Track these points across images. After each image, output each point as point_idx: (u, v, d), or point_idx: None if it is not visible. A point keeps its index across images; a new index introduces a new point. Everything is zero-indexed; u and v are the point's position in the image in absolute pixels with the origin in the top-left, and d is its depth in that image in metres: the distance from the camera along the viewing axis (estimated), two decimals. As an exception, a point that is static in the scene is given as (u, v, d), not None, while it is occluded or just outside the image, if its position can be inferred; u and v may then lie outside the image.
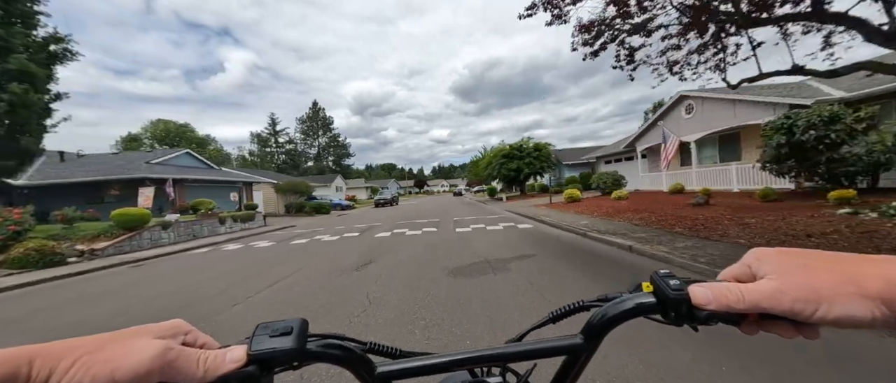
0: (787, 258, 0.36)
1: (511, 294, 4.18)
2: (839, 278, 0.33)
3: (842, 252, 0.36)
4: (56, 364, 0.30)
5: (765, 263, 0.37)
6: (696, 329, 0.40)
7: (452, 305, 3.90)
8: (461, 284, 4.71)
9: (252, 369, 0.37)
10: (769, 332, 0.37)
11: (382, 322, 3.60)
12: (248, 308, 4.49)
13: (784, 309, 0.34)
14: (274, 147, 75.88)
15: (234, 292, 5.29)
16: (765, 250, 0.39)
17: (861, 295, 0.31)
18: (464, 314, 3.61)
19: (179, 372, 0.33)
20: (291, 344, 0.38)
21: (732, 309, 0.36)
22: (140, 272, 8.11)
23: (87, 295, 6.05)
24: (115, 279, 7.40)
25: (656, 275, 0.42)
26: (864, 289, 0.32)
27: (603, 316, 0.44)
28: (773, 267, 0.36)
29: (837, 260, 0.35)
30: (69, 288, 6.78)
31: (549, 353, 0.45)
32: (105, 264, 9.14)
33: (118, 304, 5.30)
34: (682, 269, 4.70)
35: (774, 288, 0.35)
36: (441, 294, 4.35)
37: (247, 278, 6.26)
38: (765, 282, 0.36)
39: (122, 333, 0.34)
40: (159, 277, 7.23)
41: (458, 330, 3.25)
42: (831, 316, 0.32)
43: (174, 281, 6.68)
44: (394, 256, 7.40)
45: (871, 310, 0.31)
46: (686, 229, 7.17)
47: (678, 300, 0.39)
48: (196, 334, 0.39)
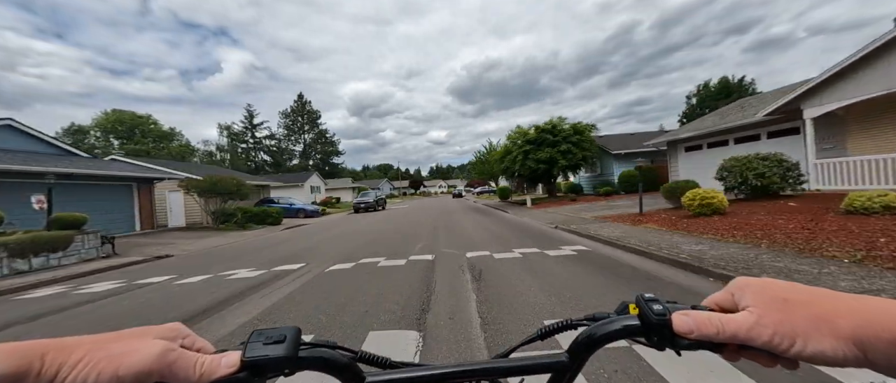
0: (769, 291, 0.37)
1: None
2: (815, 315, 0.33)
3: (820, 288, 0.36)
4: (66, 358, 0.31)
5: (747, 294, 0.38)
6: (678, 353, 0.40)
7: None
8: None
9: (245, 375, 0.37)
10: (749, 360, 0.37)
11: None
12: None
13: (762, 342, 0.34)
14: (250, 143, 67.28)
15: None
16: (749, 280, 0.39)
17: (833, 335, 0.32)
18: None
19: (177, 373, 0.35)
20: (284, 351, 0.38)
21: (712, 339, 0.37)
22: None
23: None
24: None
25: (641, 299, 0.42)
26: (836, 328, 0.32)
27: (589, 335, 0.44)
28: (754, 299, 0.37)
29: (816, 295, 0.35)
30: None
31: (535, 370, 0.45)
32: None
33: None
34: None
35: (754, 321, 0.35)
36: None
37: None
38: (745, 314, 0.36)
39: (125, 333, 0.36)
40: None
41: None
42: (806, 352, 0.33)
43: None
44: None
45: (842, 350, 0.31)
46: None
47: (661, 325, 0.39)
48: (193, 338, 0.41)
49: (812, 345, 0.32)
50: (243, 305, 4.50)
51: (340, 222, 18.25)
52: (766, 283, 0.38)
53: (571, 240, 7.95)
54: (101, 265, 8.56)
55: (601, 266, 5.36)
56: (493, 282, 4.72)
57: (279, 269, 6.59)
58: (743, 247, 5.50)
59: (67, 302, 5.41)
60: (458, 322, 3.41)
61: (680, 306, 0.41)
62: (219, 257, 8.99)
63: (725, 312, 0.39)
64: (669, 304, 0.41)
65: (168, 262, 8.87)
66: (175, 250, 10.96)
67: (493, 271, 5.35)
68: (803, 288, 0.36)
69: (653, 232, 7.45)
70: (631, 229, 8.03)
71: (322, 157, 72.32)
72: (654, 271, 4.92)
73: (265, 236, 13.56)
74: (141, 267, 8.55)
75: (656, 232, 7.44)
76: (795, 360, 0.34)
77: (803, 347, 0.33)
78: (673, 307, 0.40)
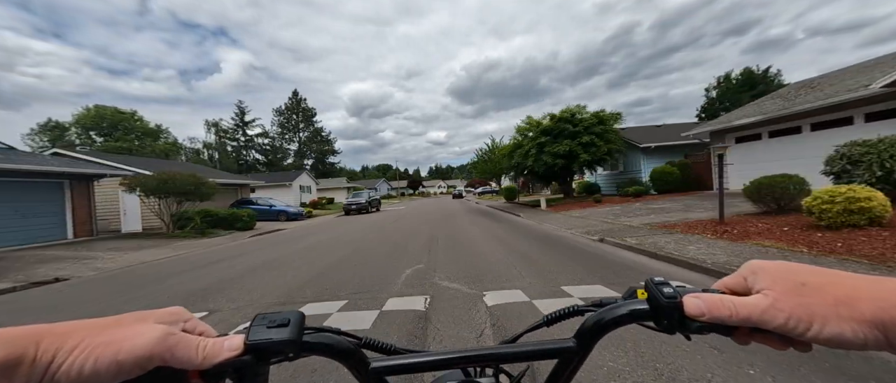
0: (784, 274, 0.36)
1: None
2: (835, 299, 0.33)
3: (839, 270, 0.35)
4: (62, 344, 0.30)
5: (761, 277, 0.37)
6: (688, 337, 0.41)
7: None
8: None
9: (248, 358, 0.37)
10: (761, 343, 0.37)
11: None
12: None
13: (776, 325, 0.34)
14: (241, 140, 64.26)
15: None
16: (762, 263, 0.39)
17: (854, 319, 0.32)
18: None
19: (179, 357, 0.34)
20: (288, 335, 0.38)
21: (724, 322, 0.36)
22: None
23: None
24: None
25: (651, 282, 0.42)
26: (858, 312, 0.32)
27: (596, 321, 0.43)
28: (769, 282, 0.36)
29: (835, 279, 0.35)
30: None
31: (541, 356, 0.44)
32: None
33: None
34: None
35: (768, 304, 0.35)
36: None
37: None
38: (759, 297, 0.36)
39: (124, 317, 0.35)
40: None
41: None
42: (823, 335, 0.32)
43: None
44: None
45: (864, 334, 0.31)
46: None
47: (671, 308, 0.38)
48: (195, 322, 0.39)
49: (830, 328, 0.32)
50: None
51: (322, 227, 15.36)
52: (783, 266, 0.37)
53: (643, 265, 5.08)
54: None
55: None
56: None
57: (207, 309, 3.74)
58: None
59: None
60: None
61: (691, 289, 0.40)
62: (111, 286, 6.13)
63: (737, 295, 0.38)
64: (679, 288, 0.40)
65: (39, 294, 6.00)
66: (85, 269, 8.08)
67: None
68: (821, 271, 0.36)
69: (787, 255, 4.59)
70: (735, 248, 5.16)
71: (318, 156, 69.37)
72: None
73: (218, 247, 10.67)
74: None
75: (791, 254, 4.58)
76: (809, 343, 0.34)
77: (820, 330, 0.32)
78: (683, 290, 0.39)
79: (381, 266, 6.01)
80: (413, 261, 6.25)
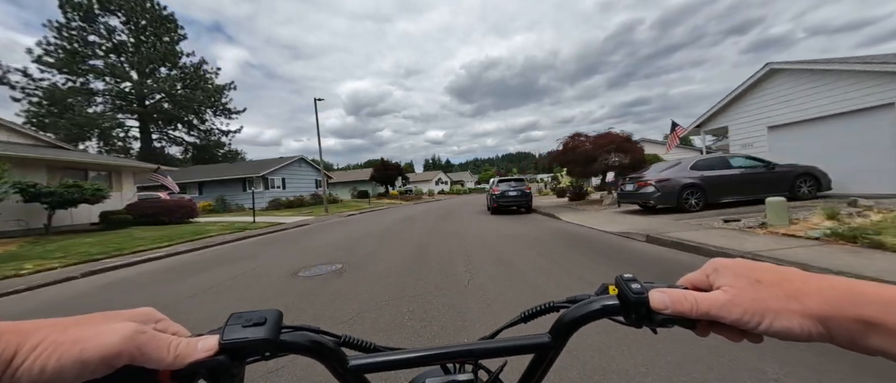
0: (743, 271, 0.39)
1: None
2: (786, 294, 0.35)
3: (791, 268, 0.38)
4: (23, 341, 0.29)
5: (722, 274, 0.40)
6: (654, 331, 0.42)
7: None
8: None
9: (223, 358, 0.36)
10: (718, 335, 0.40)
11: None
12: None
13: (733, 319, 0.36)
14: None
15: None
16: (723, 261, 0.42)
17: (801, 313, 0.34)
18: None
19: (149, 356, 0.32)
20: (264, 334, 0.37)
21: (686, 315, 0.38)
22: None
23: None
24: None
25: (620, 279, 0.43)
26: (805, 307, 0.34)
27: (570, 316, 0.45)
28: (729, 279, 0.39)
29: (788, 275, 0.37)
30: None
31: (518, 351, 0.46)
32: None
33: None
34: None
35: (726, 299, 0.37)
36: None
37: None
38: (719, 293, 0.38)
39: (92, 317, 0.33)
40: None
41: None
42: (773, 329, 0.35)
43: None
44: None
45: (809, 327, 0.34)
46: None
47: (639, 303, 0.40)
48: (167, 323, 0.39)
49: (779, 323, 0.34)
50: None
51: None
52: (742, 264, 0.40)
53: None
54: None
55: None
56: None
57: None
58: None
59: None
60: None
61: (657, 284, 0.42)
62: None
63: (699, 291, 0.40)
64: (647, 284, 0.42)
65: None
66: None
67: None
68: (775, 269, 0.39)
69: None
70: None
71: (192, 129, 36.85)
72: None
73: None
74: None
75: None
76: (761, 336, 0.37)
77: (771, 324, 0.35)
78: (650, 286, 0.41)
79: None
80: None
